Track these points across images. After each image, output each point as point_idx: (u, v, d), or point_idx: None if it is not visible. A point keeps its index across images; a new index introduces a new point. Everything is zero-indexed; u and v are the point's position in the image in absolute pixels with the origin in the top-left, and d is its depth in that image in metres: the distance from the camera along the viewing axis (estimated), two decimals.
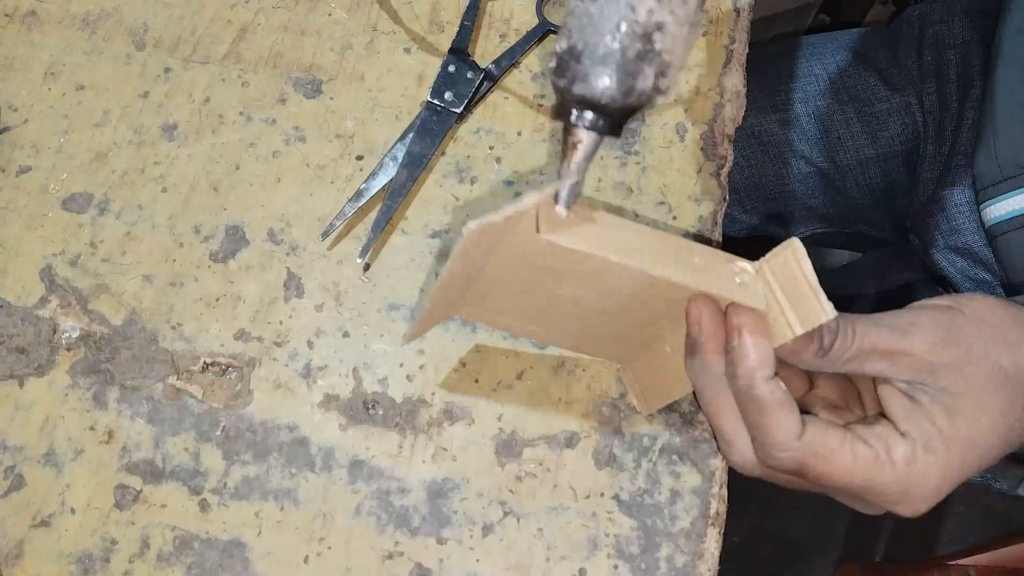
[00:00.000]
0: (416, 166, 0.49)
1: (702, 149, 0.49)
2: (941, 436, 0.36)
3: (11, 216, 0.49)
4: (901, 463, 0.35)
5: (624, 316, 0.39)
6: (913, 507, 0.37)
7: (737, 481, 0.43)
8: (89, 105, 0.51)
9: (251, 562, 0.42)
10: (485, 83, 0.51)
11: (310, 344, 0.46)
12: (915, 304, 0.39)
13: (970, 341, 0.36)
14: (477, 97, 0.51)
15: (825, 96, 0.75)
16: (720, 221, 0.48)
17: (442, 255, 0.48)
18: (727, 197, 0.48)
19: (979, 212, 0.63)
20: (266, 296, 0.47)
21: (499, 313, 0.42)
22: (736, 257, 0.36)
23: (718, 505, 0.43)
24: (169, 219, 0.49)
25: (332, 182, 0.49)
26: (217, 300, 0.47)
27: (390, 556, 0.42)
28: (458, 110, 0.50)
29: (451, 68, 0.51)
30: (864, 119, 0.74)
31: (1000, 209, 0.60)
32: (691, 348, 0.36)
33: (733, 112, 0.50)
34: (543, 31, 0.52)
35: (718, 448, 0.40)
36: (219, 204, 0.49)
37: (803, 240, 0.84)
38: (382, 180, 0.49)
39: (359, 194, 0.48)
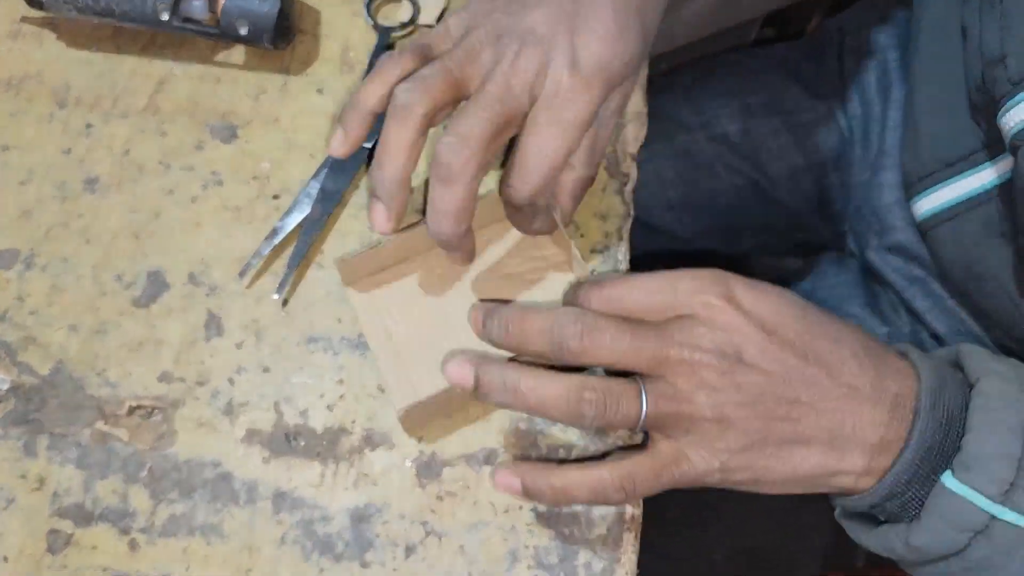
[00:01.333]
0: (330, 201, 0.50)
1: (606, 168, 0.51)
2: None
3: None
4: None
5: None
6: None
7: (716, 499, 0.44)
8: (14, 164, 0.53)
9: None
10: None
11: (231, 382, 0.47)
12: None
13: None
14: None
15: (752, 110, 0.76)
16: (626, 236, 0.49)
17: None
18: (632, 213, 0.50)
19: (910, 209, 0.65)
20: (187, 337, 0.48)
21: None
22: None
23: (633, 510, 0.44)
24: (93, 269, 0.50)
25: (250, 222, 0.51)
26: (140, 344, 0.48)
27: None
28: (369, 145, 0.51)
29: None
30: (791, 129, 0.76)
31: (928, 203, 0.62)
32: None
33: (635, 131, 0.52)
34: None
35: None
36: (140, 251, 0.50)
37: (747, 252, 0.86)
38: (297, 217, 0.50)
39: (275, 232, 0.50)
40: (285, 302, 0.49)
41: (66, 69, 0.56)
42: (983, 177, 0.58)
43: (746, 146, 0.76)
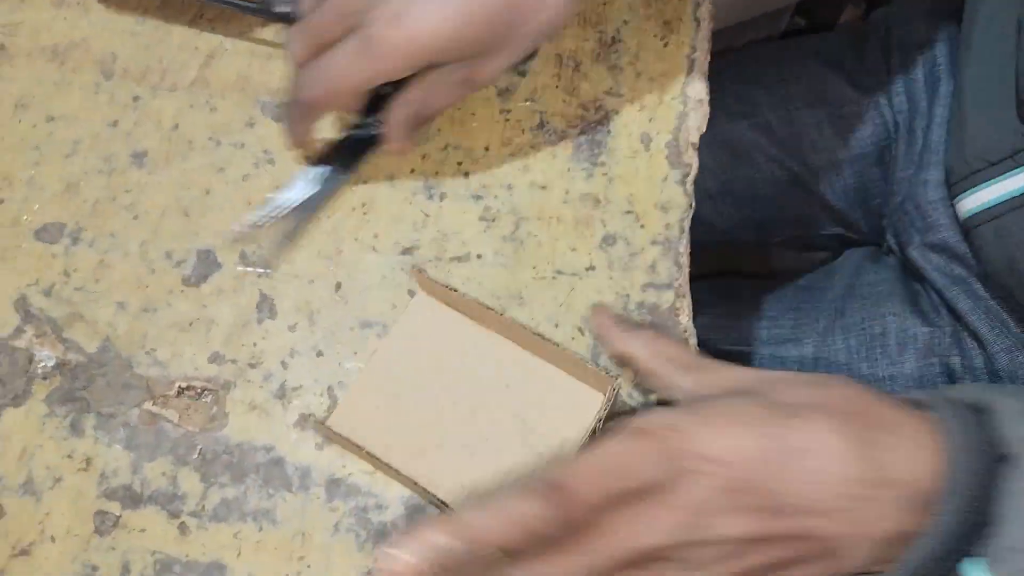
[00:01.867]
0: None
1: (667, 158, 0.50)
2: None
3: None
4: None
5: None
6: None
7: None
8: (59, 136, 0.52)
9: None
10: None
11: (284, 365, 0.46)
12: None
13: None
14: None
15: (795, 100, 0.75)
16: (687, 229, 0.48)
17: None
18: (693, 205, 0.49)
19: (953, 207, 0.64)
20: (239, 319, 0.47)
21: None
22: None
23: None
24: (141, 246, 0.49)
25: None
26: (191, 324, 0.47)
27: (370, 573, 0.42)
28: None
29: None
30: (834, 122, 0.75)
31: (972, 202, 0.61)
32: None
33: (697, 121, 0.51)
34: None
35: None
36: (190, 229, 0.49)
37: (780, 244, 0.85)
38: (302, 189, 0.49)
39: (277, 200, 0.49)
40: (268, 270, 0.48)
41: (112, 39, 0.54)
42: None
43: (788, 136, 0.75)
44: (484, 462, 0.43)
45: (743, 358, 0.73)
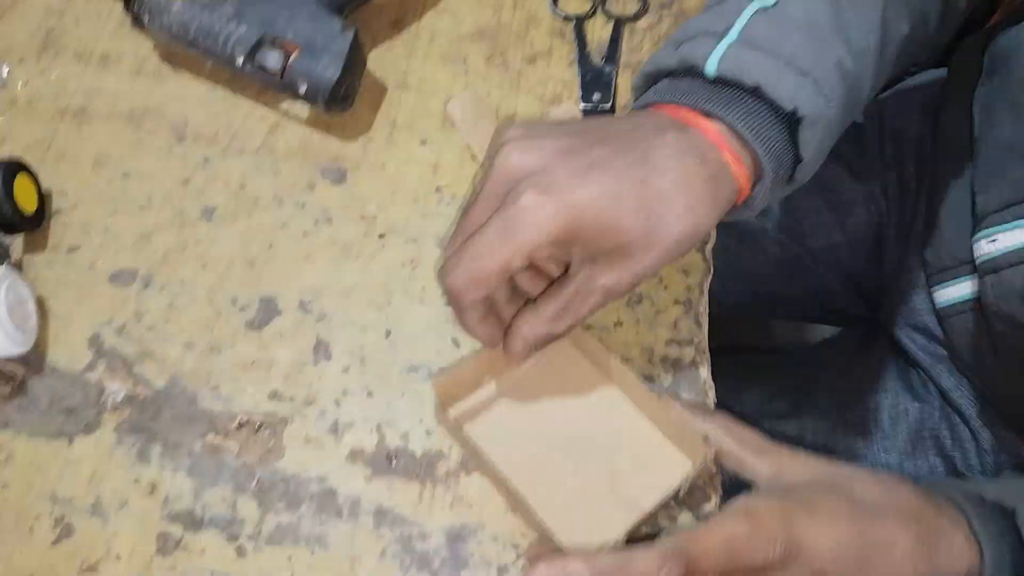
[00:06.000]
0: None
1: None
2: None
3: (62, 290, 0.54)
4: None
5: None
6: None
7: None
8: (134, 191, 0.57)
9: None
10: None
11: (337, 403, 0.50)
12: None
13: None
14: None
15: None
16: (706, 291, 0.54)
17: None
18: (712, 269, 0.54)
19: (931, 295, 0.69)
20: (297, 360, 0.52)
21: None
22: None
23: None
24: (208, 292, 0.54)
25: (357, 258, 0.55)
26: (252, 364, 0.52)
27: None
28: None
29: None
30: (832, 207, 0.80)
31: (946, 295, 0.66)
32: None
33: None
34: None
35: None
36: (254, 278, 0.54)
37: (783, 318, 0.90)
38: None
39: None
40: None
41: (184, 106, 0.60)
42: None
43: (789, 220, 0.81)
44: (568, 493, 0.47)
45: None
